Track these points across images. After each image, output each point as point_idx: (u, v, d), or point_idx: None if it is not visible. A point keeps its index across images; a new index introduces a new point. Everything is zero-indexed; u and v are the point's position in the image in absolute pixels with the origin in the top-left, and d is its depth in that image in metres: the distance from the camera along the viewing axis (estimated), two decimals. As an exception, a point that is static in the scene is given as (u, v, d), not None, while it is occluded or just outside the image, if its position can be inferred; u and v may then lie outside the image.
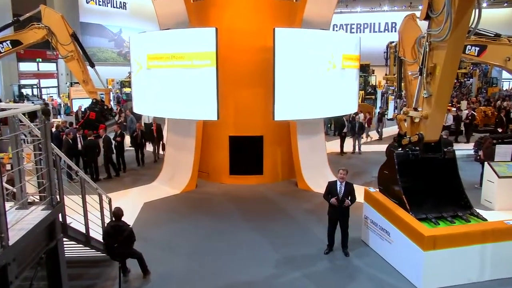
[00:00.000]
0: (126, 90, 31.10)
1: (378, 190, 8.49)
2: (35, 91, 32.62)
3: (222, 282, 7.08)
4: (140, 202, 11.03)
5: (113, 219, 6.89)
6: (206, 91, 10.68)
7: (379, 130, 20.37)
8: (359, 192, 8.59)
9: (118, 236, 6.67)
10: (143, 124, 17.14)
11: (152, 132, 15.68)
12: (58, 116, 25.19)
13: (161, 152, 15.77)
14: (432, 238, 6.64)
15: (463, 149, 15.84)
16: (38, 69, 35.22)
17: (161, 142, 15.74)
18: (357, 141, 17.42)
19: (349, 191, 7.71)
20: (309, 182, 12.30)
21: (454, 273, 6.81)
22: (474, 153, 13.41)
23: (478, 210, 7.72)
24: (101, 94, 17.23)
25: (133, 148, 15.44)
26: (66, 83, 34.49)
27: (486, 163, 10.91)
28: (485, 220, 7.35)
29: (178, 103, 11.08)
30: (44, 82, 35.35)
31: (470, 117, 19.11)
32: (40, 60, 34.68)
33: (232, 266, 7.64)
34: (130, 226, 6.91)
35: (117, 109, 21.24)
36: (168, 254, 8.12)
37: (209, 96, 10.65)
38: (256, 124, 12.49)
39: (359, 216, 8.74)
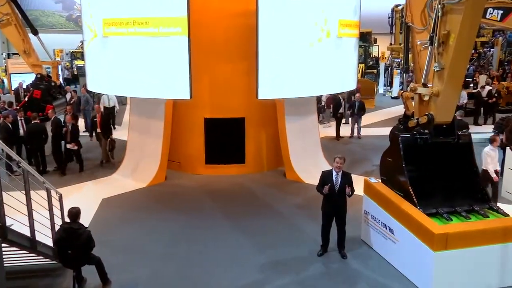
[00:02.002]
0: (78, 63, 30.56)
1: (380, 180, 8.59)
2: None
3: (197, 292, 7.13)
4: (98, 198, 10.96)
5: (67, 220, 6.82)
6: (176, 65, 10.55)
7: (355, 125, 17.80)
8: (359, 183, 8.69)
9: (74, 241, 6.62)
10: (102, 108, 16.94)
11: (94, 125, 14.22)
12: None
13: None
14: (444, 236, 6.75)
15: (481, 132, 16.11)
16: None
17: (109, 140, 13.81)
18: (356, 124, 17.58)
19: (347, 182, 7.78)
20: (300, 172, 12.38)
21: (469, 278, 6.96)
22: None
23: (498, 204, 7.87)
24: (47, 67, 16.88)
25: (89, 135, 15.15)
26: (2, 54, 33.68)
27: (508, 148, 11.09)
28: (507, 215, 7.46)
29: (142, 79, 10.93)
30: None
31: (491, 94, 19.42)
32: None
33: (209, 271, 7.68)
34: (88, 229, 6.85)
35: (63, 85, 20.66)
36: (133, 259, 8.10)
37: (179, 71, 10.53)
38: (236, 104, 12.45)
39: (358, 212, 8.85)
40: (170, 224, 9.57)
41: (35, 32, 15.62)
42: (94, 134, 14.81)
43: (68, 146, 12.89)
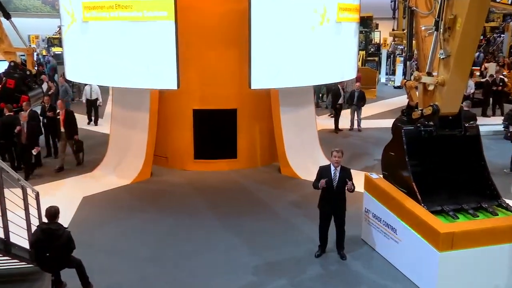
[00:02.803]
0: (56, 50, 30.38)
1: (381, 176, 8.63)
2: None
3: (186, 297, 7.16)
4: (78, 197, 10.94)
5: (44, 220, 6.79)
6: (162, 52, 10.50)
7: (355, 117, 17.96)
8: (359, 179, 8.73)
9: (52, 242, 6.60)
10: (84, 100, 16.86)
11: (56, 124, 13.13)
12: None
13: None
14: (450, 235, 6.79)
15: (490, 124, 16.21)
16: None
17: (73, 140, 13.04)
18: (356, 115, 17.62)
19: (346, 179, 7.81)
20: (296, 167, 12.42)
21: (476, 280, 7.00)
22: (503, 129, 13.69)
23: (507, 201, 7.89)
24: (22, 55, 16.75)
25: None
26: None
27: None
28: (517, 213, 7.54)
29: (125, 67, 10.87)
30: None
31: (495, 83, 19.54)
32: None
33: (199, 274, 7.69)
34: (68, 229, 6.83)
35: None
36: (116, 262, 8.10)
37: (166, 58, 10.48)
38: (227, 94, 12.45)
39: (358, 210, 8.89)
40: (156, 224, 9.57)
41: (8, 16, 15.45)
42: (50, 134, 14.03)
43: (34, 151, 12.25)
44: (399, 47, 31.31)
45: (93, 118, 18.57)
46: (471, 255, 6.89)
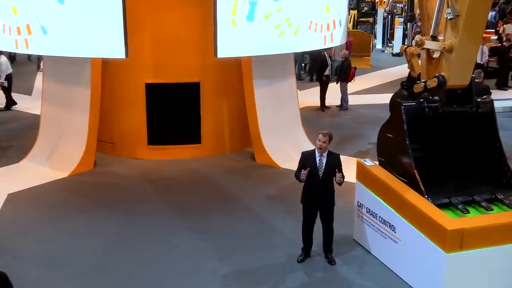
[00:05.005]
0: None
1: (377, 163, 8.72)
2: None
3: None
4: (1, 194, 10.81)
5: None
6: (105, 13, 10.42)
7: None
8: (350, 167, 8.82)
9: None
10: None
11: None
12: None
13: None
14: (459, 233, 6.87)
15: (507, 98, 16.47)
16: None
17: None
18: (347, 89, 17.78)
19: (334, 167, 7.84)
20: (273, 153, 12.49)
21: (489, 285, 7.13)
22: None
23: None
24: None
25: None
26: None
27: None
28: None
29: (59, 31, 10.73)
30: None
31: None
32: None
33: (156, 286, 7.69)
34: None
35: None
36: (53, 273, 8.01)
37: (111, 21, 10.40)
38: (188, 64, 12.40)
39: (349, 204, 8.99)
40: (102, 226, 9.50)
41: None
42: None
43: None
44: (398, 5, 31.52)
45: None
46: (484, 256, 6.99)
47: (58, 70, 12.73)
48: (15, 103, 17.82)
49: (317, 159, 7.85)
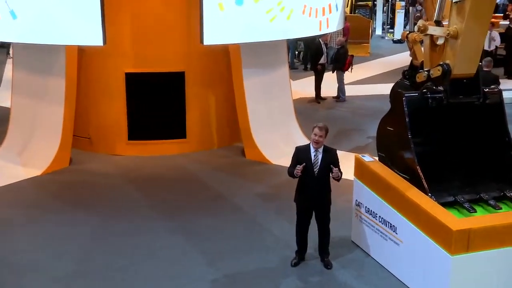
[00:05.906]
0: None
1: (377, 158, 8.76)
2: None
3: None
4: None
5: None
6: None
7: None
8: (347, 162, 8.85)
9: None
10: None
11: None
12: None
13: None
14: (465, 233, 6.89)
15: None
16: None
17: None
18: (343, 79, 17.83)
19: (330, 163, 7.85)
20: (264, 149, 12.51)
21: (498, 288, 7.25)
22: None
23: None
24: None
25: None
26: None
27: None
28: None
29: (30, 16, 10.69)
30: None
31: None
32: None
33: (137, 295, 7.74)
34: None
35: None
36: (26, 280, 7.98)
37: (87, 4, 10.38)
38: (172, 52, 12.43)
39: (347, 203, 9.03)
40: (79, 229, 9.48)
41: None
42: None
43: None
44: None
45: None
46: (492, 258, 7.03)
47: (29, 59, 12.67)
48: None
49: (312, 154, 7.83)
